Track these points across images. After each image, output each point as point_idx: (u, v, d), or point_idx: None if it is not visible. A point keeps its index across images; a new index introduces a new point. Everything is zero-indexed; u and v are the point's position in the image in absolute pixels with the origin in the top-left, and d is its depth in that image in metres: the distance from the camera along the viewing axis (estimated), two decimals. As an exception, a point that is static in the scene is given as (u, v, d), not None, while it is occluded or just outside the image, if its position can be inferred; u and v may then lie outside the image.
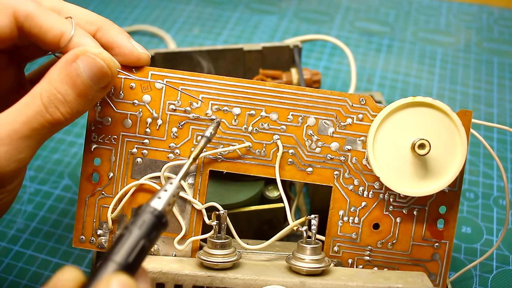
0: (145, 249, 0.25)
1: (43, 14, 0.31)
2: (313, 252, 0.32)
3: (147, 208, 0.26)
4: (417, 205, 0.35)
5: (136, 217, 0.26)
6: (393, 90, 0.62)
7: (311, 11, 0.76)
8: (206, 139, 0.32)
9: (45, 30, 0.31)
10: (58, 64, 0.30)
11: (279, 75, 0.48)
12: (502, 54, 0.68)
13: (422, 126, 0.33)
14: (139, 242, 0.25)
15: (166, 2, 0.77)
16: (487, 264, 0.44)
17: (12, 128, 0.29)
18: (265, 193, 0.41)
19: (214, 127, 0.33)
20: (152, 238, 0.26)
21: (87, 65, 0.30)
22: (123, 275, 0.23)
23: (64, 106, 0.30)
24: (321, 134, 0.35)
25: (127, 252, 0.24)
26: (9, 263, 0.44)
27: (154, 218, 0.26)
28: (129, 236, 0.25)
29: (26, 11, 0.31)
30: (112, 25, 0.34)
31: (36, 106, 0.29)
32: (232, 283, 0.32)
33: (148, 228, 0.25)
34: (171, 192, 0.27)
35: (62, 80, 0.30)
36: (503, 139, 0.56)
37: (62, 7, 0.33)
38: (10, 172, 0.30)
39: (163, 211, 0.26)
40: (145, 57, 0.34)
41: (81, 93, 0.30)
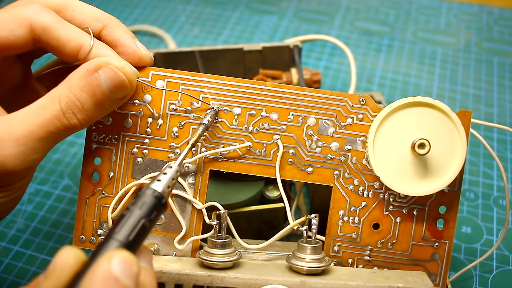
0: (145, 228, 0.26)
1: (60, 26, 0.32)
2: (314, 252, 0.32)
3: (147, 190, 0.27)
4: (417, 205, 0.35)
5: (136, 198, 0.27)
6: (393, 90, 0.62)
7: (311, 11, 0.76)
8: (204, 126, 0.33)
9: (63, 42, 0.32)
10: (79, 72, 0.31)
11: (279, 75, 0.48)
12: (502, 54, 0.68)
13: (422, 126, 0.33)
14: (139, 221, 0.26)
15: (166, 2, 0.77)
16: (487, 264, 0.44)
17: (28, 129, 0.29)
18: (265, 193, 0.41)
19: (211, 114, 0.34)
20: (152, 218, 0.26)
21: (108, 77, 0.31)
22: (124, 251, 0.24)
23: (81, 113, 0.31)
24: (321, 134, 0.35)
25: (128, 230, 0.25)
26: (9, 263, 0.44)
27: (154, 199, 0.27)
28: (130, 215, 0.26)
29: (44, 24, 0.31)
30: (118, 24, 0.34)
31: (54, 110, 0.30)
32: (232, 282, 0.32)
33: (148, 208, 0.26)
34: (170, 175, 0.29)
35: (82, 88, 0.30)
36: (503, 139, 0.56)
37: (69, 4, 0.34)
38: (23, 171, 0.30)
39: (163, 192, 0.27)
40: (147, 58, 0.35)
41: (99, 103, 0.31)
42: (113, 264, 0.23)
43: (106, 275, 0.23)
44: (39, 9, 0.32)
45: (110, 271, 0.23)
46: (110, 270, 0.23)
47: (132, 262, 0.24)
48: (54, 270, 0.23)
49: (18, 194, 0.32)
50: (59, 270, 0.23)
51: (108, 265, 0.23)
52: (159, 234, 0.35)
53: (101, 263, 0.23)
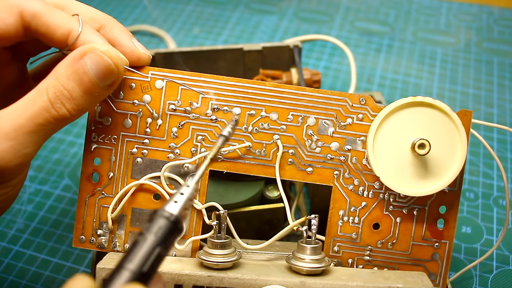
0: (160, 257, 0.24)
1: (50, 13, 0.32)
2: (313, 252, 0.32)
3: (163, 213, 0.25)
4: (417, 205, 0.35)
5: (151, 222, 0.25)
6: (393, 90, 0.62)
7: (311, 11, 0.76)
8: (224, 138, 0.31)
9: (53, 28, 0.32)
10: (65, 61, 0.30)
11: (279, 75, 0.48)
12: (502, 54, 0.68)
13: (422, 126, 0.33)
14: (154, 250, 0.24)
15: (166, 2, 0.77)
16: (487, 264, 0.44)
17: (17, 123, 0.29)
18: (265, 193, 0.41)
19: (232, 125, 0.32)
20: (168, 245, 0.25)
21: (94, 63, 0.30)
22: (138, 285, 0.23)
23: (70, 102, 0.30)
24: (321, 134, 0.35)
25: (142, 260, 0.23)
26: (9, 263, 0.44)
27: (170, 224, 0.25)
28: (144, 243, 0.24)
29: (33, 10, 0.31)
30: (115, 23, 0.34)
31: (42, 101, 0.30)
32: (232, 283, 0.32)
33: (163, 235, 0.24)
34: (188, 196, 0.26)
35: (69, 77, 0.30)
36: (503, 139, 0.56)
37: (66, 3, 0.34)
38: (15, 167, 0.30)
39: (179, 216, 0.25)
40: (146, 57, 0.34)
41: (87, 90, 0.30)
42: None
43: None
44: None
45: None
46: None
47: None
48: None
49: (13, 193, 0.32)
50: None
51: None
52: (159, 234, 0.35)
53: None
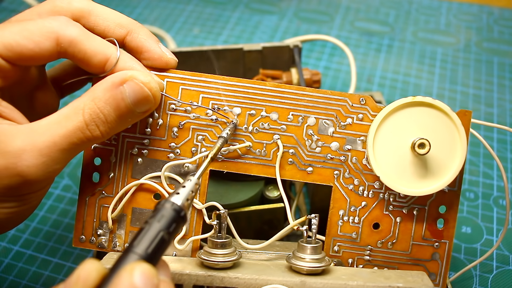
0: (164, 241, 0.26)
1: (86, 40, 0.32)
2: (314, 252, 0.32)
3: (166, 203, 0.27)
4: (417, 205, 0.35)
5: (155, 211, 0.27)
6: (393, 90, 0.62)
7: (311, 11, 0.76)
8: (223, 140, 0.33)
9: (90, 56, 0.32)
10: (103, 84, 0.31)
11: (279, 75, 0.48)
12: (502, 54, 0.68)
13: (422, 126, 0.33)
14: (158, 234, 0.26)
15: (166, 2, 0.77)
16: (487, 264, 0.44)
17: (51, 140, 0.29)
18: (265, 193, 0.41)
19: (230, 127, 0.34)
20: (171, 231, 0.26)
21: (133, 91, 0.31)
22: (145, 263, 0.24)
23: (104, 126, 0.31)
24: (321, 134, 0.35)
25: (147, 243, 0.25)
26: (9, 263, 0.44)
27: (173, 212, 0.27)
28: (148, 228, 0.26)
29: (70, 38, 0.31)
30: (142, 28, 0.34)
31: (77, 121, 0.30)
32: (232, 282, 0.32)
33: (167, 221, 0.26)
34: (189, 188, 0.28)
35: (106, 101, 0.30)
36: (503, 139, 0.56)
37: (92, 9, 0.33)
38: (43, 181, 0.30)
39: (182, 205, 0.27)
40: (173, 62, 0.35)
41: (122, 116, 0.31)
42: (135, 277, 0.23)
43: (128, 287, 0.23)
44: (66, 22, 0.31)
45: (133, 283, 0.23)
46: (132, 282, 0.23)
47: (153, 274, 0.24)
48: (77, 282, 0.24)
49: (36, 202, 0.32)
50: (82, 282, 0.23)
51: (130, 277, 0.23)
52: (159, 234, 0.35)
53: (123, 276, 0.23)
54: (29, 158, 0.29)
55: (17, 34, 0.30)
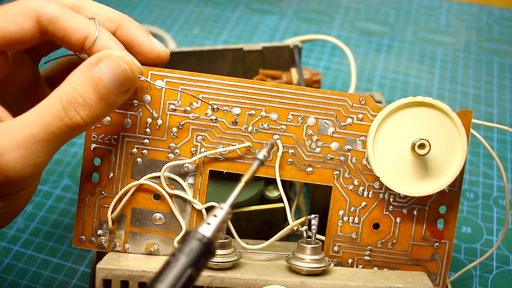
0: (192, 278, 0.24)
1: (67, 17, 0.31)
2: (313, 252, 0.32)
3: (196, 235, 0.25)
4: (417, 205, 0.35)
5: (183, 243, 0.25)
6: (393, 90, 0.62)
7: (311, 11, 0.76)
8: (259, 162, 0.31)
9: (69, 33, 0.31)
10: (80, 68, 0.30)
11: (279, 75, 0.48)
12: (502, 54, 0.68)
13: (422, 126, 0.33)
14: (185, 271, 0.24)
15: (166, 2, 0.77)
16: (487, 264, 0.44)
17: (29, 132, 0.28)
18: (265, 193, 0.41)
19: (267, 149, 0.33)
20: (200, 267, 0.25)
21: (109, 68, 0.30)
22: None
23: (85, 109, 0.29)
24: (321, 134, 0.35)
25: (173, 281, 0.24)
26: (9, 263, 0.44)
27: (202, 246, 0.25)
28: (175, 264, 0.24)
29: (50, 15, 0.31)
30: (132, 22, 0.34)
31: (55, 109, 0.29)
32: (232, 283, 0.32)
33: (195, 256, 0.24)
34: (221, 218, 0.26)
35: (84, 83, 0.29)
36: (503, 139, 0.56)
37: (82, 3, 0.33)
38: (26, 177, 0.29)
39: (212, 238, 0.25)
40: (165, 55, 0.34)
41: (102, 97, 0.30)
42: None
43: None
44: (46, 1, 0.31)
45: None
46: None
47: None
48: None
49: (23, 202, 0.31)
50: None
51: None
52: (159, 234, 0.35)
53: None
54: (7, 152, 0.28)
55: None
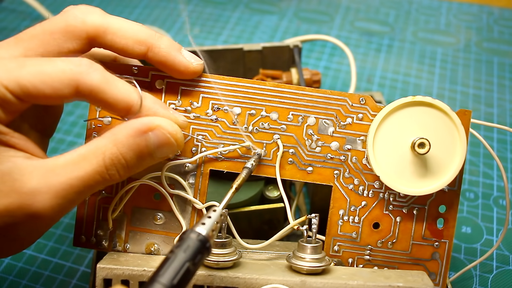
0: (189, 272, 0.26)
1: (108, 89, 0.30)
2: (314, 251, 0.32)
3: (192, 234, 0.27)
4: (417, 204, 0.35)
5: (181, 241, 0.27)
6: (393, 90, 0.62)
7: (311, 11, 0.76)
8: (248, 171, 0.33)
9: (111, 104, 0.30)
10: (127, 129, 0.30)
11: (279, 75, 0.48)
12: (502, 54, 0.68)
13: (422, 126, 0.33)
14: (184, 265, 0.26)
15: (166, 2, 0.77)
16: (487, 264, 0.44)
17: (68, 182, 0.28)
18: (265, 193, 0.41)
19: (255, 159, 0.34)
20: (197, 262, 0.27)
21: (158, 140, 0.30)
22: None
23: (125, 170, 0.30)
24: (321, 134, 0.35)
25: (173, 274, 0.26)
26: (9, 263, 0.44)
27: (199, 243, 0.27)
28: (174, 258, 0.26)
29: (91, 87, 0.29)
30: (162, 40, 0.33)
31: (97, 165, 0.29)
32: (232, 282, 0.32)
33: (192, 252, 0.27)
34: (215, 219, 0.29)
35: (130, 147, 0.30)
36: (503, 139, 0.56)
37: (107, 27, 0.32)
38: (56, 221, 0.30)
39: (207, 236, 0.28)
40: (200, 69, 0.34)
41: (144, 161, 0.31)
42: None
43: None
44: (87, 68, 0.29)
45: None
46: None
47: None
48: None
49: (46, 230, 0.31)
50: None
51: None
52: (159, 234, 0.35)
53: None
54: (44, 199, 0.28)
55: (35, 77, 0.28)
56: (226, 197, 0.31)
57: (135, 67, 0.35)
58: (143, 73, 0.35)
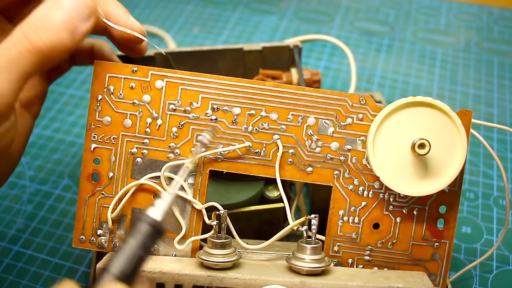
0: (141, 259, 0.26)
1: None
2: (313, 252, 0.32)
3: (143, 217, 0.26)
4: (417, 205, 0.35)
5: (132, 226, 0.27)
6: (393, 90, 0.62)
7: (311, 11, 0.76)
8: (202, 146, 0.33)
9: None
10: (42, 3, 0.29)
11: (279, 75, 0.48)
12: (502, 54, 0.68)
13: (422, 126, 0.33)
14: (133, 252, 0.25)
15: (166, 2, 0.77)
16: (487, 264, 0.44)
17: None
18: (265, 193, 0.41)
19: (209, 134, 0.33)
20: (148, 247, 0.26)
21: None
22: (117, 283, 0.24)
23: (44, 32, 0.28)
24: (321, 134, 0.35)
25: (122, 262, 0.25)
26: (9, 263, 0.44)
27: (149, 227, 0.26)
28: (124, 246, 0.25)
29: None
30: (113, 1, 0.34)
31: (13, 35, 0.28)
32: (232, 283, 0.32)
33: (143, 238, 0.26)
34: (167, 201, 0.27)
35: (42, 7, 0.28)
36: (503, 139, 0.56)
37: None
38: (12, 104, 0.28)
39: (158, 219, 0.27)
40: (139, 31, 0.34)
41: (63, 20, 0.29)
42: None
43: None
44: None
45: None
46: None
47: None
48: None
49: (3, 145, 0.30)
50: None
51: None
52: (159, 234, 0.35)
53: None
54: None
55: None
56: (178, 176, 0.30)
57: (134, 67, 0.35)
58: (143, 73, 0.35)
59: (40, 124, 0.57)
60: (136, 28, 0.34)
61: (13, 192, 0.50)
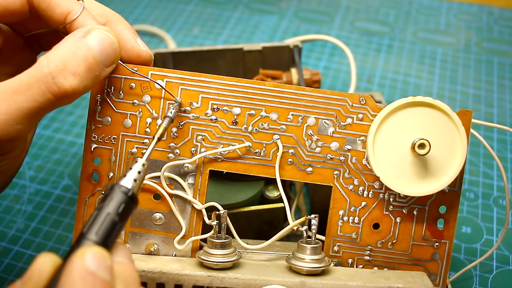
0: (115, 223, 0.26)
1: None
2: (313, 252, 0.32)
3: (114, 186, 0.28)
4: (417, 205, 0.35)
5: (104, 196, 0.27)
6: (393, 90, 0.62)
7: (311, 11, 0.76)
8: (169, 119, 0.33)
9: (53, 6, 0.32)
10: (67, 38, 0.30)
11: (279, 75, 0.48)
12: (502, 54, 0.68)
13: (422, 126, 0.33)
14: (107, 217, 0.26)
15: (166, 2, 0.77)
16: (487, 264, 0.44)
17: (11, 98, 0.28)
18: (265, 193, 0.41)
19: (175, 106, 0.34)
20: (121, 212, 0.27)
21: (98, 40, 0.30)
22: (95, 247, 0.24)
23: (74, 78, 0.29)
24: (321, 134, 0.35)
25: (97, 227, 0.26)
26: (9, 263, 0.44)
27: (120, 193, 0.27)
28: (98, 213, 0.26)
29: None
30: (122, 21, 0.34)
31: (41, 75, 0.28)
32: (232, 283, 0.32)
33: (115, 203, 0.27)
34: (136, 169, 0.29)
35: (73, 53, 0.29)
36: (503, 139, 0.56)
37: None
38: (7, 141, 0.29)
39: (129, 186, 0.28)
40: (146, 55, 0.34)
41: (90, 68, 0.30)
42: (86, 260, 0.23)
43: (82, 272, 0.23)
44: None
45: (86, 267, 0.23)
46: (85, 266, 0.23)
47: (105, 256, 0.24)
48: (32, 276, 0.24)
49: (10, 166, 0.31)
50: (37, 276, 0.23)
51: (82, 261, 0.23)
52: (159, 234, 0.35)
53: (75, 261, 0.23)
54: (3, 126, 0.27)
55: None
56: (150, 148, 0.31)
57: (134, 67, 0.35)
58: (143, 73, 0.35)
59: (40, 124, 0.57)
60: (144, 53, 0.34)
61: (13, 192, 0.50)
